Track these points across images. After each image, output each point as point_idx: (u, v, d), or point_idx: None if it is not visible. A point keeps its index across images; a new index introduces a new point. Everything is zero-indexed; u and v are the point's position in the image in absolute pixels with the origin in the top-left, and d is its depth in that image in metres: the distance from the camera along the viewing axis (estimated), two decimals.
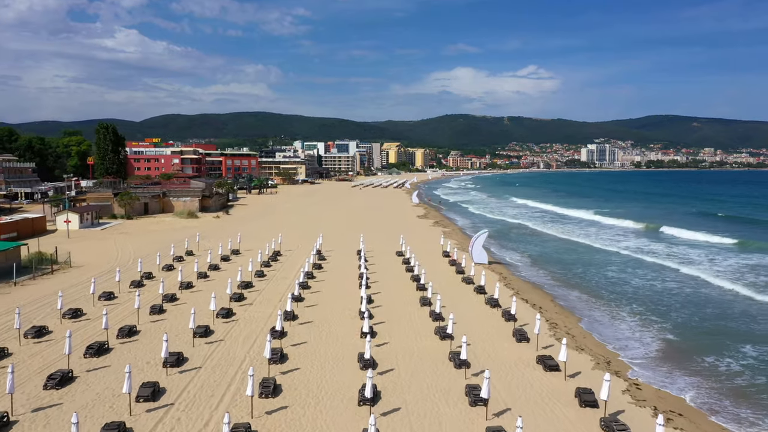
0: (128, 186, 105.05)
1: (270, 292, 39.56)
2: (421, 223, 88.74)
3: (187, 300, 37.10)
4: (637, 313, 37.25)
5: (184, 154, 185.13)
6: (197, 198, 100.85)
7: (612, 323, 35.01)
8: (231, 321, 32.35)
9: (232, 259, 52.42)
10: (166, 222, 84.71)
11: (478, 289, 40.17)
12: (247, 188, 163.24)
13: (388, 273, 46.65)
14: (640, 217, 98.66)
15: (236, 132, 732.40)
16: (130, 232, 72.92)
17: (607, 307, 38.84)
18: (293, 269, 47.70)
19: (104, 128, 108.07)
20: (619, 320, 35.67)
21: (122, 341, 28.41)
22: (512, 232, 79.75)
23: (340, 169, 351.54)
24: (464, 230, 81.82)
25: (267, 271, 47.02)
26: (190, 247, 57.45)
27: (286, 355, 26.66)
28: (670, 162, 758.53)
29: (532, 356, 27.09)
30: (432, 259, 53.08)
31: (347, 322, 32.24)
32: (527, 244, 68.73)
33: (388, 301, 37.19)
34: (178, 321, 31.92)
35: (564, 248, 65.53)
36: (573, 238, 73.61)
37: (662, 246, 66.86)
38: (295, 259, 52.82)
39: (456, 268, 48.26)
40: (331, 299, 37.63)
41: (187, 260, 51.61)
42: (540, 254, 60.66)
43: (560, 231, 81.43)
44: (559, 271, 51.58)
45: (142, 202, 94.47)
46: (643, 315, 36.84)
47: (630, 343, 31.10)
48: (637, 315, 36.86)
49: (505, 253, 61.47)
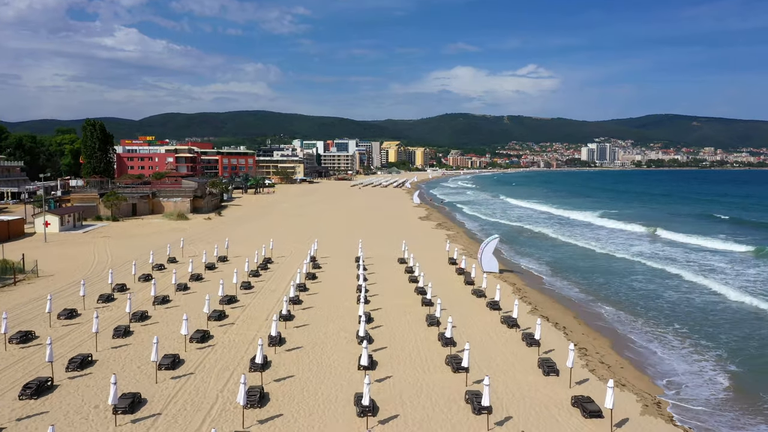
0: (117, 186, 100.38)
1: (256, 309, 34.86)
2: (424, 225, 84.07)
3: (160, 318, 32.41)
4: (683, 336, 32.15)
5: (178, 152, 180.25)
6: (188, 198, 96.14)
7: (652, 348, 30.03)
8: (206, 347, 27.63)
9: (219, 267, 47.73)
10: (154, 224, 79.99)
11: (491, 304, 35.50)
12: (243, 188, 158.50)
13: (389, 284, 41.98)
14: (649, 219, 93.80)
15: (235, 131, 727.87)
16: (114, 236, 68.22)
17: (645, 327, 33.82)
18: (284, 280, 43.01)
19: (91, 125, 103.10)
20: (660, 344, 30.70)
21: (72, 375, 23.69)
22: (519, 237, 75.07)
23: (339, 168, 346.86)
24: (469, 233, 77.17)
25: (255, 281, 42.33)
26: (174, 253, 52.75)
27: (267, 395, 21.96)
28: (671, 161, 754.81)
29: (566, 396, 22.43)
30: (437, 268, 48.44)
31: (343, 348, 27.57)
32: (537, 249, 64.07)
33: (391, 320, 32.54)
34: (144, 347, 27.22)
35: (577, 254, 60.85)
36: (584, 243, 68.90)
37: (680, 252, 62.10)
38: (287, 267, 48.13)
39: (464, 278, 43.61)
40: (325, 318, 32.96)
41: (168, 268, 46.93)
42: (554, 261, 55.98)
43: (570, 235, 76.75)
44: (579, 281, 46.91)
45: (129, 202, 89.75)
46: (689, 337, 31.75)
47: (681, 377, 26.04)
48: (683, 338, 31.71)
49: (516, 259, 56.79)
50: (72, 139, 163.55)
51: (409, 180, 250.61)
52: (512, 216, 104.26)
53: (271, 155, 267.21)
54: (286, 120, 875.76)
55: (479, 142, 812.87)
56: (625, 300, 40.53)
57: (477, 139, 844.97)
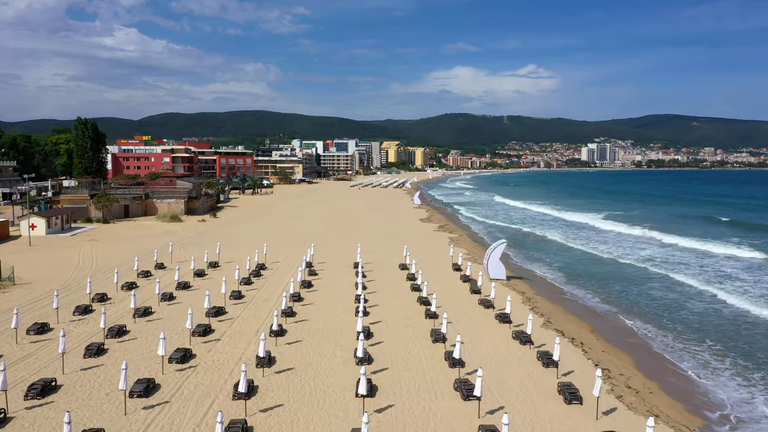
0: (109, 186, 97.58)
1: (245, 322, 32.04)
2: (425, 227, 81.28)
3: (139, 333, 29.59)
4: (718, 354, 29.07)
5: (175, 152, 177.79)
6: (182, 200, 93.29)
7: (684, 368, 27.03)
8: (187, 368, 24.81)
9: (208, 274, 44.91)
10: (146, 226, 77.18)
11: (501, 317, 32.70)
12: (241, 188, 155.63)
13: (390, 293, 39.17)
14: (654, 222, 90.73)
15: (235, 131, 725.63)
16: (102, 239, 65.43)
17: (675, 343, 30.75)
18: (278, 288, 40.20)
19: (83, 124, 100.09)
20: (694, 363, 27.62)
21: (30, 405, 20.86)
22: (524, 240, 72.24)
23: (339, 168, 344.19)
24: (473, 236, 74.36)
25: (246, 290, 39.51)
26: (162, 258, 49.94)
27: (250, 429, 19.18)
28: (671, 161, 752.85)
29: (593, 430, 19.65)
30: (441, 274, 45.65)
31: (339, 370, 24.76)
32: (543, 253, 61.26)
33: (392, 335, 29.76)
34: (118, 368, 24.36)
35: (587, 259, 58.02)
36: (591, 247, 66.05)
37: (691, 257, 58.97)
38: (281, 274, 45.31)
39: (470, 286, 40.79)
40: (320, 333, 30.16)
41: (155, 275, 44.07)
42: (563, 267, 53.14)
43: (575, 238, 73.96)
44: (593, 289, 44.10)
45: (121, 204, 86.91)
46: (726, 356, 28.63)
47: (730, 408, 22.88)
48: (719, 356, 28.60)
49: (523, 265, 53.96)
50: (68, 139, 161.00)
51: (409, 180, 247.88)
52: (515, 218, 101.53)
53: (270, 155, 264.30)
54: (285, 120, 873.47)
55: (479, 142, 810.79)
56: (647, 311, 37.55)
57: (477, 139, 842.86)
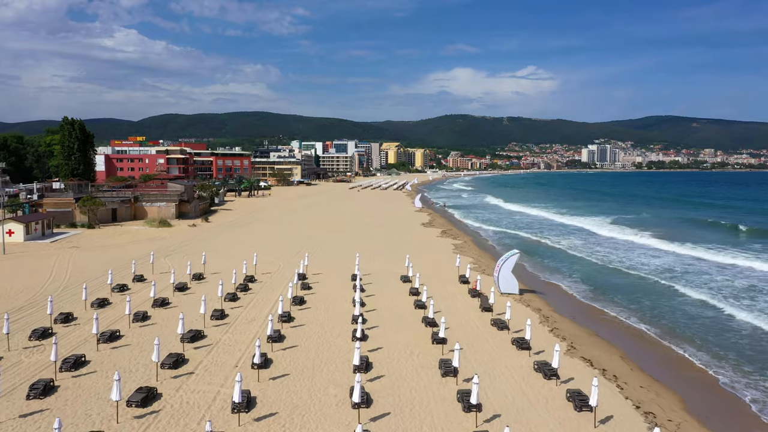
0: (97, 189, 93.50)
1: (225, 350, 27.88)
2: (427, 232, 77.14)
3: (100, 365, 25.41)
4: None
5: (170, 153, 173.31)
6: (173, 203, 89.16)
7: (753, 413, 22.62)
8: (148, 413, 20.62)
9: (191, 288, 40.74)
10: (132, 232, 73.01)
11: (519, 342, 28.56)
12: (237, 190, 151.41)
13: (391, 312, 35.03)
14: (665, 228, 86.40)
15: (235, 132, 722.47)
16: (84, 246, 61.28)
17: (732, 374, 26.40)
18: (266, 305, 36.07)
19: (69, 124, 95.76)
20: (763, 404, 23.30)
21: None
22: (534, 248, 68.03)
23: (338, 170, 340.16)
24: (478, 242, 70.14)
25: (231, 308, 35.35)
26: (142, 269, 45.81)
27: None
28: (672, 163, 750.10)
29: None
30: (447, 288, 41.54)
31: (331, 416, 20.63)
32: (556, 261, 57.11)
33: (395, 367, 25.65)
34: (67, 413, 20.26)
35: (603, 269, 53.78)
36: (603, 256, 61.84)
37: (712, 269, 54.85)
38: (271, 288, 41.16)
39: (481, 303, 36.66)
40: (312, 364, 26.02)
41: (132, 289, 40.00)
42: (579, 278, 48.96)
43: (585, 245, 69.83)
44: (617, 304, 39.95)
45: (108, 208, 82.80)
46: None
47: None
48: None
49: (535, 276, 49.80)
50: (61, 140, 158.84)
51: (409, 182, 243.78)
52: (520, 223, 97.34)
53: (268, 156, 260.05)
54: (285, 121, 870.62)
55: (479, 143, 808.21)
56: (687, 333, 33.05)
57: (476, 140, 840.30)
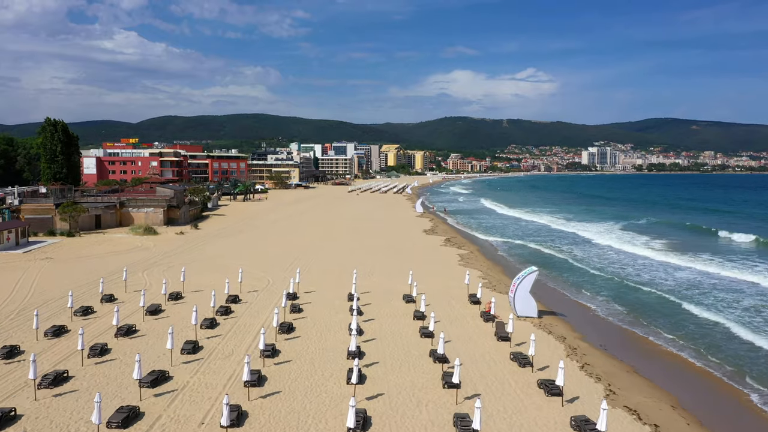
0: (81, 194, 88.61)
1: (191, 400, 22.91)
2: (430, 241, 72.34)
3: (36, 420, 20.55)
4: None
5: (163, 156, 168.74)
6: (161, 209, 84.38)
7: None
8: None
9: (165, 311, 35.87)
10: (114, 241, 68.18)
11: (547, 386, 23.71)
12: (231, 194, 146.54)
13: (394, 343, 30.22)
14: (679, 238, 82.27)
15: (234, 134, 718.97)
16: (59, 257, 56.50)
17: None
18: (248, 333, 31.25)
19: (51, 125, 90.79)
20: None
21: None
22: (546, 261, 63.26)
23: (337, 172, 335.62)
24: (485, 251, 65.29)
25: (207, 337, 30.49)
26: (113, 287, 41.01)
27: None
28: (672, 165, 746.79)
29: None
30: (456, 309, 36.76)
31: None
32: (574, 275, 52.32)
33: (398, 420, 20.82)
34: None
35: (629, 286, 48.84)
36: (620, 267, 57.23)
37: (746, 287, 50.45)
38: (256, 310, 36.33)
39: (496, 331, 31.85)
40: (296, 417, 21.16)
41: (99, 312, 35.22)
42: (604, 295, 44.12)
43: (604, 258, 65.24)
44: (653, 329, 35.15)
45: (91, 214, 78.05)
46: None
47: None
48: None
49: (551, 292, 44.96)
50: None
51: (409, 185, 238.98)
52: (527, 230, 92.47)
53: (265, 159, 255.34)
54: (284, 123, 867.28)
55: (478, 145, 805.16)
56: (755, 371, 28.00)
57: (476, 142, 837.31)
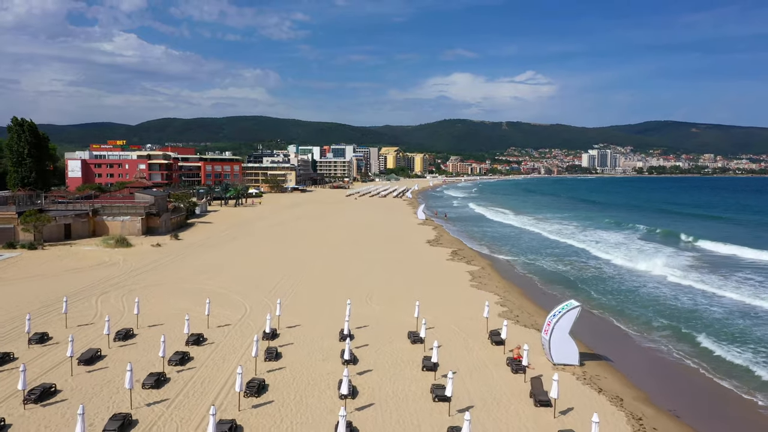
0: (52, 201, 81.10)
1: None
2: (435, 254, 64.74)
3: None
4: None
5: (152, 158, 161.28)
6: (140, 216, 76.82)
7: None
8: None
9: (106, 357, 28.18)
10: (80, 255, 60.51)
11: None
12: (223, 199, 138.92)
13: (398, 409, 22.58)
14: (711, 257, 74.77)
15: (232, 136, 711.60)
16: (10, 276, 48.98)
17: None
18: (205, 396, 23.61)
19: (18, 125, 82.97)
20: None
21: None
22: (571, 279, 55.81)
23: (335, 175, 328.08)
24: (498, 267, 57.61)
25: (148, 402, 22.83)
26: (52, 321, 33.42)
27: None
28: (673, 168, 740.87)
29: None
30: (474, 351, 29.17)
31: None
32: (608, 297, 44.76)
33: None
34: None
35: (685, 313, 41.49)
36: (671, 291, 49.88)
37: None
38: (222, 356, 28.70)
39: (532, 392, 24.25)
40: None
41: (22, 357, 27.63)
42: (660, 329, 36.60)
43: (636, 279, 57.76)
44: (746, 380, 27.66)
45: (60, 223, 70.44)
46: None
47: None
48: None
49: (587, 323, 37.14)
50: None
51: (409, 189, 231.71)
52: (542, 240, 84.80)
53: (261, 162, 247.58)
54: (284, 125, 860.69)
55: (477, 148, 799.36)
56: None
57: (475, 145, 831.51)
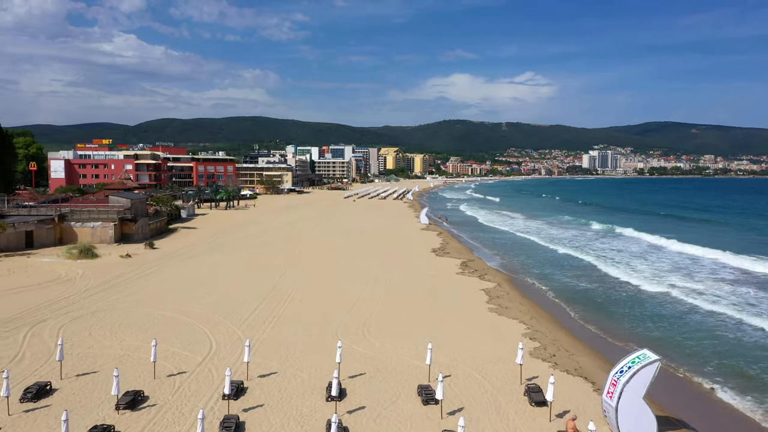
0: (16, 205, 73.28)
1: None
2: (443, 266, 56.68)
3: None
4: None
5: (139, 158, 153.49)
6: (112, 223, 68.95)
7: None
8: None
9: None
10: (34, 268, 52.45)
11: None
12: (213, 201, 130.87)
13: None
14: None
15: (232, 136, 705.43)
16: None
17: None
18: None
19: None
20: None
21: None
22: (603, 302, 47.91)
23: (334, 176, 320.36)
24: (517, 284, 49.65)
25: None
26: None
27: None
28: (674, 169, 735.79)
29: None
30: (511, 419, 21.17)
31: None
32: (669, 331, 37.00)
33: None
34: None
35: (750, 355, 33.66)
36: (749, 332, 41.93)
37: None
38: (161, 427, 20.75)
39: None
40: None
41: None
42: (756, 377, 28.76)
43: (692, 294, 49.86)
44: None
45: (20, 230, 62.58)
46: None
47: None
48: None
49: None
50: (27, 143, 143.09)
51: (410, 190, 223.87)
52: (563, 258, 76.96)
53: (256, 162, 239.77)
54: (283, 126, 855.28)
55: (477, 148, 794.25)
56: None
57: (475, 145, 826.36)
